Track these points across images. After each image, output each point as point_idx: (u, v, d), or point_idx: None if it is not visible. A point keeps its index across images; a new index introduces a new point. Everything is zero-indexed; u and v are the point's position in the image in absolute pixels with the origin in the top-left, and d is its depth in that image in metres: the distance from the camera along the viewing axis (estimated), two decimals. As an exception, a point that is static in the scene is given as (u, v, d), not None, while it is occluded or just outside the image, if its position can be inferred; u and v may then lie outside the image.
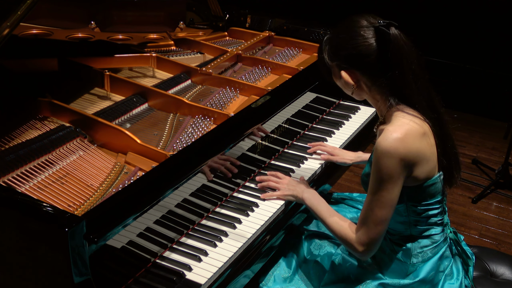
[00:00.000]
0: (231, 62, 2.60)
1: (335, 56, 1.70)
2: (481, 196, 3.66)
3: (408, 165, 1.60)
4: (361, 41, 1.62)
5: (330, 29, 1.76)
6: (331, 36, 1.73)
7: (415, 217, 1.74)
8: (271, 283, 1.89)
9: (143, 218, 1.62)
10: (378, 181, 1.61)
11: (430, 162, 1.66)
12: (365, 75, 1.67)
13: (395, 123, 1.63)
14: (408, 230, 1.76)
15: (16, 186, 1.64)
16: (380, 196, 1.62)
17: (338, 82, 1.78)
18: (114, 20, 2.75)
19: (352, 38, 1.64)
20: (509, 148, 3.69)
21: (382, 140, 1.59)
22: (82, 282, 1.38)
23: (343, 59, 1.68)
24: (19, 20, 1.72)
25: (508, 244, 3.24)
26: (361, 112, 2.66)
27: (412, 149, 1.60)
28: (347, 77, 1.69)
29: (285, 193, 1.94)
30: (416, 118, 1.64)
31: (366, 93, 1.72)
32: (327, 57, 1.74)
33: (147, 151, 1.83)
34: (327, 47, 1.73)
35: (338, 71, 1.72)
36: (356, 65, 1.67)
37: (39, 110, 2.01)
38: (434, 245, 1.77)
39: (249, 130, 2.03)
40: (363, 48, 1.62)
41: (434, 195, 1.72)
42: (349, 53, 1.65)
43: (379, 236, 1.67)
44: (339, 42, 1.68)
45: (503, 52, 4.59)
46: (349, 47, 1.65)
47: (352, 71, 1.68)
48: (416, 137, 1.61)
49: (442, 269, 1.79)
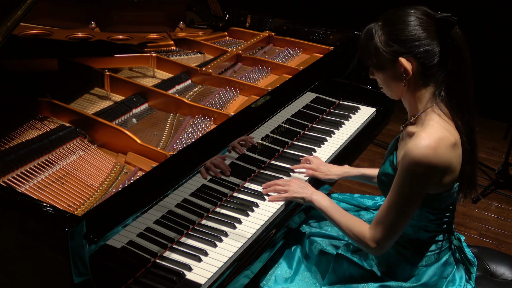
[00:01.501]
0: (231, 62, 2.60)
1: (393, 41, 1.60)
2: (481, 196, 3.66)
3: (436, 175, 1.58)
4: (424, 28, 1.58)
5: (380, 18, 1.66)
6: (387, 21, 1.63)
7: (425, 223, 1.73)
8: (272, 283, 1.89)
9: (143, 218, 1.62)
10: (403, 187, 1.59)
11: (455, 172, 1.63)
12: (420, 66, 1.60)
13: (428, 129, 1.58)
14: (416, 233, 1.76)
15: (16, 186, 1.63)
16: (403, 201, 1.60)
17: (381, 74, 1.68)
18: (114, 20, 2.75)
19: (415, 24, 1.58)
20: (509, 148, 3.69)
21: (414, 146, 1.55)
22: (82, 282, 1.38)
23: (404, 44, 1.59)
24: (19, 20, 1.72)
25: (508, 244, 3.24)
26: (361, 112, 2.66)
27: (443, 160, 1.56)
28: (405, 63, 1.60)
29: (293, 195, 1.93)
30: (449, 125, 1.60)
31: (409, 87, 1.65)
32: (381, 43, 1.62)
33: (147, 151, 1.83)
34: (380, 32, 1.62)
35: (390, 60, 1.62)
36: (416, 52, 1.59)
37: (39, 110, 2.01)
38: (439, 250, 1.77)
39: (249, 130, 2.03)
40: (425, 34, 1.58)
41: (449, 204, 1.71)
42: (412, 38, 1.58)
43: (395, 237, 1.67)
44: (401, 27, 1.59)
45: (503, 52, 4.59)
46: (411, 32, 1.58)
47: (410, 58, 1.60)
48: (448, 147, 1.57)
49: (445, 275, 1.78)
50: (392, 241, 1.69)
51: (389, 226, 1.64)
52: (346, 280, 1.83)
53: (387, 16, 1.65)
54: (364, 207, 2.15)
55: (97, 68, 2.28)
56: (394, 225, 1.63)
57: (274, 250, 1.91)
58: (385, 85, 1.71)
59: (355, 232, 1.73)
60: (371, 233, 1.69)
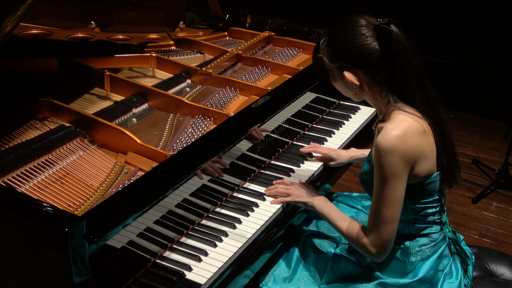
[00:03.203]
0: (231, 62, 2.60)
1: (336, 57, 1.68)
2: (481, 196, 3.66)
3: (409, 162, 1.61)
4: (363, 40, 1.62)
5: (326, 30, 1.74)
6: (330, 37, 1.70)
7: (413, 215, 1.74)
8: (271, 283, 1.89)
9: (143, 218, 1.62)
10: (382, 180, 1.61)
11: (429, 160, 1.66)
12: (367, 74, 1.66)
13: (394, 121, 1.63)
14: (407, 228, 1.77)
15: (16, 186, 1.64)
16: (386, 195, 1.62)
17: (337, 84, 1.76)
18: (114, 20, 2.75)
19: (353, 38, 1.63)
20: (509, 148, 3.68)
21: (382, 138, 1.59)
22: (82, 282, 1.38)
23: (346, 59, 1.66)
24: (19, 20, 1.72)
25: (508, 244, 3.24)
26: (361, 112, 2.66)
27: (412, 146, 1.60)
28: (351, 77, 1.67)
29: (295, 199, 1.92)
30: (415, 116, 1.64)
31: (366, 93, 1.71)
32: (327, 59, 1.71)
33: (147, 151, 1.83)
34: (326, 49, 1.70)
35: (338, 73, 1.71)
36: (359, 65, 1.65)
37: (39, 110, 2.01)
38: (433, 243, 1.77)
39: (249, 130, 2.03)
40: (365, 46, 1.62)
41: (432, 193, 1.72)
42: (352, 52, 1.64)
43: (391, 235, 1.66)
44: (340, 42, 1.66)
45: (503, 52, 4.59)
46: (351, 46, 1.63)
47: (355, 71, 1.67)
48: (416, 134, 1.61)
49: (441, 268, 1.79)
50: (390, 242, 1.68)
51: (382, 226, 1.64)
52: (344, 279, 1.84)
53: (331, 30, 1.71)
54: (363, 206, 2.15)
55: (97, 68, 2.29)
56: (387, 222, 1.64)
57: (274, 250, 1.91)
58: (343, 92, 1.77)
59: (355, 238, 1.73)
60: (368, 239, 1.69)
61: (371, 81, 1.67)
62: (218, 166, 1.91)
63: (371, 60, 1.63)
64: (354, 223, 1.77)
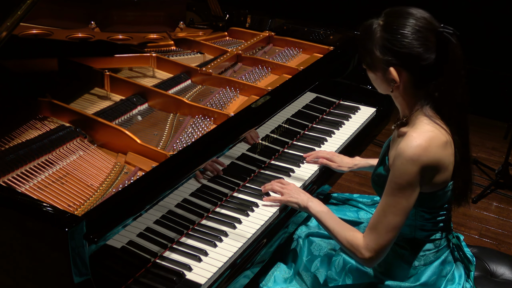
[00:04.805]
0: (231, 62, 2.60)
1: (388, 50, 1.57)
2: (481, 196, 3.66)
3: (428, 173, 1.58)
4: (422, 42, 1.54)
5: (381, 14, 1.61)
6: (388, 26, 1.58)
7: (421, 222, 1.72)
8: (271, 283, 1.89)
9: (143, 218, 1.62)
10: (397, 187, 1.58)
11: (447, 171, 1.63)
12: (412, 76, 1.59)
13: (419, 129, 1.58)
14: (413, 233, 1.75)
15: (16, 186, 1.64)
16: (397, 202, 1.59)
17: (372, 73, 1.67)
18: (114, 20, 2.75)
19: (412, 37, 1.54)
20: (509, 148, 3.69)
21: (405, 146, 1.55)
22: (82, 282, 1.38)
23: (398, 55, 1.56)
24: (19, 20, 1.72)
25: (508, 244, 3.24)
26: (361, 112, 2.66)
27: (434, 158, 1.56)
28: (394, 75, 1.59)
29: (288, 199, 1.90)
30: (439, 125, 1.60)
31: (399, 93, 1.64)
32: (376, 49, 1.59)
33: (147, 151, 1.83)
34: (379, 38, 1.58)
35: (382, 65, 1.60)
36: (409, 66, 1.57)
37: (39, 110, 2.01)
38: (437, 249, 1.76)
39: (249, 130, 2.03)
40: (422, 50, 1.55)
41: (444, 202, 1.71)
42: (407, 52, 1.55)
43: (389, 243, 1.63)
44: (398, 37, 1.55)
45: (503, 52, 4.59)
46: (407, 45, 1.54)
47: (401, 69, 1.59)
48: (439, 146, 1.57)
49: (444, 274, 1.78)
50: (386, 250, 1.64)
51: (384, 231, 1.61)
52: (345, 280, 1.83)
53: (388, 18, 1.60)
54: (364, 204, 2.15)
55: (97, 68, 2.29)
56: (390, 229, 1.61)
57: (274, 250, 1.91)
58: (375, 83, 1.70)
59: (349, 241, 1.70)
60: (364, 242, 1.65)
61: (411, 84, 1.61)
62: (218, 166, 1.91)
63: (423, 65, 1.56)
64: (349, 226, 1.75)
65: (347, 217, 2.08)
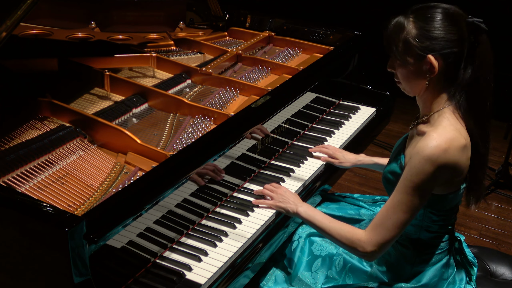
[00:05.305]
0: (231, 62, 2.60)
1: (426, 38, 1.56)
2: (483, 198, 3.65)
3: (444, 175, 1.57)
4: (456, 30, 1.56)
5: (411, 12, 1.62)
6: (419, 17, 1.58)
7: (428, 223, 1.72)
8: (272, 283, 1.89)
9: (143, 218, 1.62)
10: (411, 186, 1.57)
11: (462, 174, 1.63)
12: (447, 66, 1.58)
13: (440, 130, 1.58)
14: (418, 233, 1.75)
15: (16, 186, 1.63)
16: (409, 200, 1.58)
17: (406, 70, 1.62)
18: (114, 20, 2.75)
19: (448, 24, 1.56)
20: (509, 148, 3.69)
21: (425, 145, 1.55)
22: (82, 282, 1.38)
23: (437, 41, 1.56)
24: (19, 20, 1.72)
25: (508, 244, 3.24)
26: (361, 112, 2.66)
27: (452, 160, 1.56)
28: (433, 61, 1.56)
29: (276, 203, 1.89)
30: (460, 127, 1.60)
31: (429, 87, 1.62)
32: (414, 39, 1.57)
33: (147, 151, 1.83)
34: (413, 26, 1.58)
35: (420, 54, 1.57)
36: (446, 53, 1.56)
37: (39, 110, 2.01)
38: (440, 251, 1.76)
39: (249, 130, 2.03)
40: (457, 37, 1.56)
41: (454, 205, 1.70)
42: (444, 37, 1.55)
43: (393, 239, 1.63)
44: (434, 24, 1.56)
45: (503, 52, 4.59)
46: (444, 31, 1.55)
47: (438, 57, 1.57)
48: (458, 148, 1.56)
49: (446, 277, 1.78)
50: (389, 245, 1.65)
51: (391, 227, 1.61)
52: (345, 280, 1.83)
53: (418, 10, 1.61)
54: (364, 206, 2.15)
55: (97, 68, 2.28)
56: (397, 226, 1.60)
57: (274, 250, 1.91)
58: (405, 80, 1.66)
59: (348, 237, 1.69)
60: (367, 236, 1.65)
61: (444, 76, 1.59)
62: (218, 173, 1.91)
63: (457, 53, 1.56)
64: (344, 223, 1.74)
65: (348, 215, 2.08)
